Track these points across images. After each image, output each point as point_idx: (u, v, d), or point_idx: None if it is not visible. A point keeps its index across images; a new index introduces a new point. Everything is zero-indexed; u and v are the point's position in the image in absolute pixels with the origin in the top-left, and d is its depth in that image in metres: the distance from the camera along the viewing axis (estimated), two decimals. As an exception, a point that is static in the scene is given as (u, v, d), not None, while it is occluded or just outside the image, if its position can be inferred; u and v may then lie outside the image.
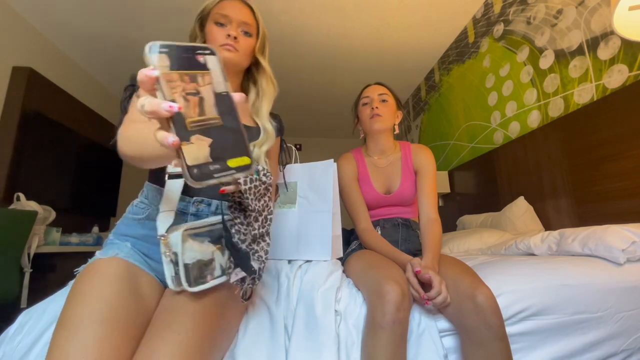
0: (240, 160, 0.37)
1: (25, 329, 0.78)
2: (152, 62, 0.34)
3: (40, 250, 2.07)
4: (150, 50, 0.34)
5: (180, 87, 0.35)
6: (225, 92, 0.38)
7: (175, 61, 0.35)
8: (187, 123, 0.34)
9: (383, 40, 2.90)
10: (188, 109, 0.35)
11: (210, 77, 0.37)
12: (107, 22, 2.58)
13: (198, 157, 0.34)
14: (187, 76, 0.36)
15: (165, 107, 0.32)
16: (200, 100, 0.36)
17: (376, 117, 1.21)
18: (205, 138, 0.35)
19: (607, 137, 1.44)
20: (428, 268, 0.87)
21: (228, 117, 0.37)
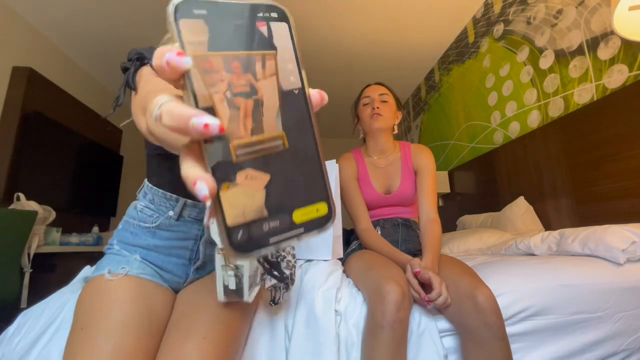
0: (314, 209, 0.23)
1: (24, 329, 0.78)
2: (179, 36, 0.20)
3: (40, 250, 2.07)
4: (176, 12, 0.20)
5: (224, 83, 0.21)
6: (298, 88, 0.23)
7: (219, 33, 0.21)
8: (232, 148, 0.20)
9: (383, 40, 2.90)
10: (235, 124, 0.21)
11: (275, 62, 0.23)
12: (107, 22, 2.58)
13: (245, 210, 0.20)
14: (237, 61, 0.21)
15: (197, 124, 0.18)
16: (257, 106, 0.22)
17: (377, 116, 1.21)
18: (259, 174, 0.21)
19: (607, 137, 1.44)
20: (428, 269, 0.87)
21: (299, 135, 0.23)
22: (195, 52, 0.20)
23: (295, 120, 0.23)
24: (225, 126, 0.20)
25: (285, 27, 0.24)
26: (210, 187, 0.19)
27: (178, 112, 0.19)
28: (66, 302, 0.82)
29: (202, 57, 0.20)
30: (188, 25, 0.20)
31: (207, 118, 0.18)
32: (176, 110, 0.19)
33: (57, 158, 2.70)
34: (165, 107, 0.19)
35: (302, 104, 0.24)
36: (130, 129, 3.78)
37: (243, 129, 0.21)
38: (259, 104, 0.22)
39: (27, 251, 1.96)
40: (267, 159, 0.22)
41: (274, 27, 0.23)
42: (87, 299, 0.63)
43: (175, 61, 0.19)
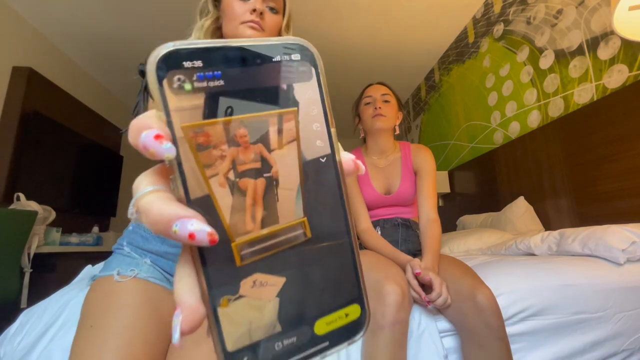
0: (342, 315, 0.18)
1: (26, 329, 0.79)
2: (163, 102, 0.15)
3: (40, 250, 2.07)
4: (160, 68, 0.15)
5: (226, 160, 0.16)
6: (326, 155, 0.18)
7: (217, 90, 0.16)
8: (235, 249, 0.16)
9: (383, 40, 2.90)
10: (240, 216, 0.16)
11: (296, 123, 0.17)
12: (108, 22, 2.58)
13: (252, 328, 0.16)
14: (243, 128, 0.16)
15: (180, 232, 0.14)
16: (270, 187, 0.17)
17: (379, 116, 1.20)
18: (272, 278, 0.16)
19: (607, 137, 1.44)
20: (428, 269, 0.87)
21: (326, 217, 0.18)
22: (186, 123, 0.15)
23: (321, 198, 0.18)
24: (227, 221, 0.16)
25: (312, 73, 0.18)
26: (189, 324, 0.14)
27: (156, 213, 0.14)
28: (68, 301, 0.82)
29: (195, 129, 0.15)
30: (176, 79, 0.15)
31: (192, 224, 0.14)
32: (154, 210, 0.14)
33: (57, 158, 2.70)
34: (141, 204, 0.15)
35: (330, 176, 0.18)
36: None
37: (250, 221, 0.16)
38: (272, 183, 0.17)
39: (27, 251, 1.96)
40: (283, 257, 0.17)
41: (296, 74, 0.17)
42: (95, 299, 0.62)
43: (152, 148, 0.14)
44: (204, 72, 0.15)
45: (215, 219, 0.16)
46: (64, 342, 0.73)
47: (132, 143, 0.15)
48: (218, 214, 0.16)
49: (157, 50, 0.15)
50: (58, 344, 0.73)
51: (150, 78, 0.15)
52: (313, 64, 0.18)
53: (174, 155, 0.15)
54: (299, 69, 0.18)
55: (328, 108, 0.18)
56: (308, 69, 0.18)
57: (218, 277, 0.15)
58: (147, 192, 0.15)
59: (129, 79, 0.70)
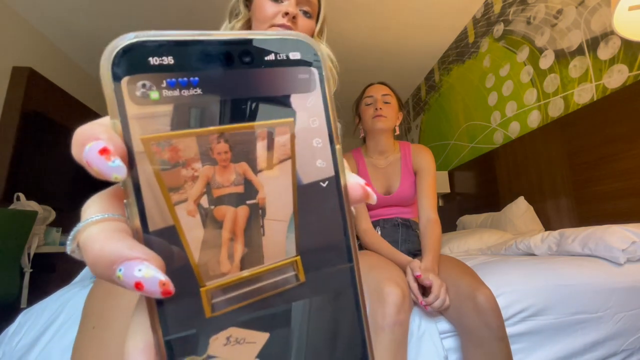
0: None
1: (25, 328, 0.78)
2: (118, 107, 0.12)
3: (40, 250, 2.07)
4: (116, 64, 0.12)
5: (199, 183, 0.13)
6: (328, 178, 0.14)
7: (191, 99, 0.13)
8: (204, 296, 0.13)
9: (383, 40, 2.90)
10: (213, 254, 0.13)
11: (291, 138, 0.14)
12: (108, 21, 2.58)
13: None
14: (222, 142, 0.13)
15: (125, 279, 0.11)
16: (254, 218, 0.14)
17: (379, 117, 1.20)
18: (251, 334, 0.13)
19: (607, 137, 1.44)
20: (428, 271, 0.87)
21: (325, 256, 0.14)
22: (148, 134, 0.12)
23: (319, 233, 0.14)
24: (196, 259, 0.12)
25: (314, 77, 0.14)
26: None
27: (97, 250, 0.11)
28: (67, 301, 0.82)
29: (160, 142, 0.12)
30: (139, 84, 0.12)
31: (140, 269, 0.11)
32: (95, 247, 0.11)
33: (57, 158, 2.70)
34: (82, 237, 0.12)
35: (332, 204, 0.14)
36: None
37: (227, 261, 0.13)
38: (258, 213, 0.13)
39: (27, 251, 1.96)
40: (267, 306, 0.13)
41: (294, 77, 0.14)
42: (98, 298, 0.61)
43: (96, 166, 0.11)
44: (176, 78, 0.12)
45: (181, 257, 0.12)
46: (63, 342, 0.73)
47: (76, 157, 0.12)
48: (184, 251, 0.12)
49: (115, 41, 0.12)
50: (57, 344, 0.73)
51: (104, 76, 0.12)
52: (316, 66, 0.15)
53: (124, 176, 0.12)
54: (297, 71, 0.14)
55: (333, 120, 0.14)
56: (309, 71, 0.14)
57: (180, 333, 0.12)
58: (91, 222, 0.12)
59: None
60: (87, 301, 0.61)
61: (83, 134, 0.12)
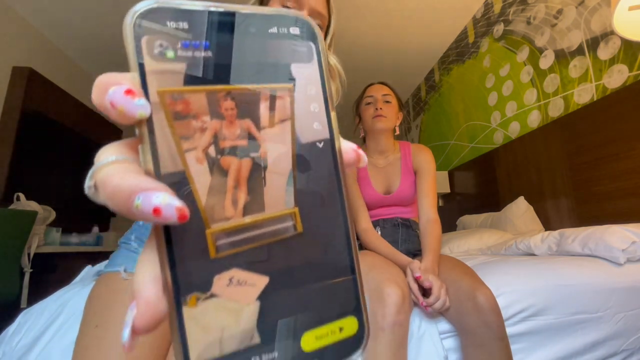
0: (336, 328, 0.15)
1: (24, 329, 0.78)
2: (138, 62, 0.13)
3: (40, 250, 2.07)
4: (137, 25, 0.13)
5: (207, 134, 0.14)
6: (324, 139, 0.16)
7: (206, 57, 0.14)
8: (209, 238, 0.14)
9: (383, 40, 2.90)
10: (218, 199, 0.14)
11: (291, 101, 0.16)
12: (108, 21, 2.58)
13: (224, 336, 0.13)
14: (230, 100, 0.14)
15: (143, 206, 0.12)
16: (256, 170, 0.15)
17: (380, 117, 1.20)
18: (252, 277, 0.14)
19: (607, 137, 1.44)
20: (428, 271, 0.87)
21: (322, 211, 0.16)
22: (164, 87, 0.13)
23: (316, 188, 0.15)
24: (203, 202, 0.13)
25: (312, 50, 0.16)
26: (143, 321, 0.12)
27: (116, 184, 0.12)
28: (67, 301, 0.82)
29: (174, 95, 0.13)
30: (157, 44, 0.13)
31: (159, 197, 0.12)
32: (114, 181, 0.12)
33: (57, 158, 2.70)
34: (100, 175, 0.13)
35: (328, 164, 0.16)
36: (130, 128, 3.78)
37: (231, 207, 0.14)
38: (260, 165, 0.15)
39: (27, 251, 1.96)
40: (267, 252, 0.14)
41: (294, 50, 0.16)
42: (100, 296, 0.60)
43: (122, 105, 0.12)
44: (190, 40, 0.14)
45: (190, 199, 0.13)
46: (63, 342, 0.73)
47: (96, 102, 0.13)
48: (193, 193, 0.13)
49: (137, 4, 0.13)
50: (57, 344, 0.73)
51: (127, 34, 0.13)
52: (313, 40, 0.16)
53: (149, 113, 0.13)
54: (297, 42, 0.16)
55: (328, 89, 0.16)
56: (307, 44, 0.16)
57: (186, 269, 0.13)
58: (108, 162, 0.13)
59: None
60: (89, 300, 0.61)
61: (106, 80, 0.13)
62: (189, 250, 0.13)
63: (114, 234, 2.94)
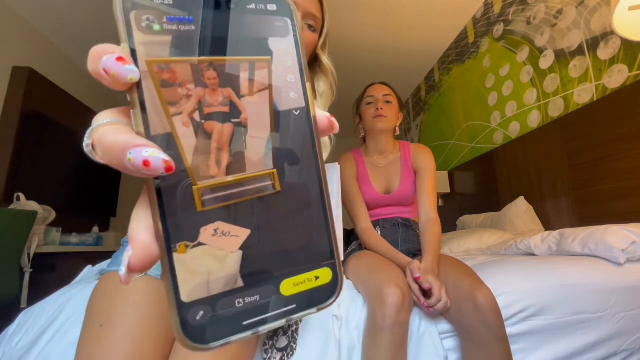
0: (312, 277, 0.17)
1: (25, 329, 0.78)
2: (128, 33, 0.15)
3: (40, 250, 2.07)
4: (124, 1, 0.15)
5: (192, 100, 0.15)
6: (299, 108, 0.17)
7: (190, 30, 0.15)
8: (196, 193, 0.15)
9: (383, 40, 2.90)
10: (203, 159, 0.15)
11: (269, 72, 0.17)
12: (108, 21, 2.58)
13: (211, 280, 0.15)
14: (213, 70, 0.16)
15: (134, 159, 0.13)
16: (238, 133, 0.16)
17: (380, 117, 1.20)
18: (235, 229, 0.15)
19: (607, 137, 1.44)
20: (428, 272, 0.87)
21: (298, 171, 0.17)
22: (152, 57, 0.14)
23: (292, 151, 0.17)
24: (189, 162, 0.15)
25: (288, 25, 0.17)
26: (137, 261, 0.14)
27: (110, 141, 0.14)
28: (67, 301, 0.82)
29: (161, 65, 0.14)
30: (144, 18, 0.14)
31: (147, 151, 0.13)
32: (108, 138, 0.14)
33: (57, 158, 2.70)
34: (97, 134, 0.14)
35: (303, 129, 0.17)
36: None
37: (215, 166, 0.15)
38: (241, 130, 0.16)
39: (27, 251, 1.96)
40: (249, 207, 0.16)
41: (271, 24, 0.17)
42: (105, 295, 0.60)
43: (114, 70, 0.14)
44: (174, 15, 0.15)
45: (177, 159, 0.14)
46: (63, 342, 0.73)
47: (91, 69, 0.14)
48: (180, 153, 0.15)
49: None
50: (57, 344, 0.73)
51: (117, 8, 0.14)
52: (289, 16, 0.18)
53: (138, 77, 0.14)
54: (274, 18, 0.17)
55: (304, 61, 0.18)
56: (284, 19, 0.17)
57: (176, 220, 0.14)
58: (104, 124, 0.15)
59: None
60: (92, 299, 0.61)
61: (100, 49, 0.14)
62: (177, 204, 0.14)
63: (114, 234, 2.94)
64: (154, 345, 0.55)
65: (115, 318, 0.55)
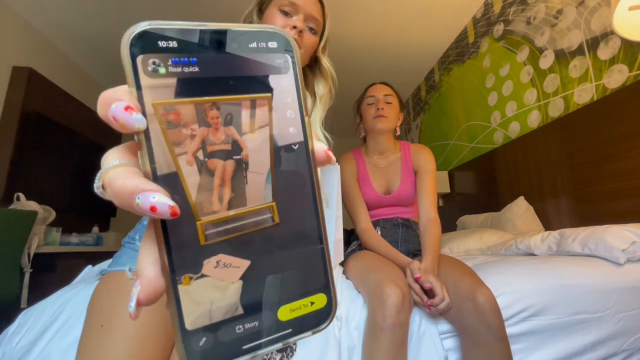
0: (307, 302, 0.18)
1: (25, 329, 0.78)
2: (135, 78, 0.15)
3: (40, 250, 2.07)
4: (133, 45, 0.15)
5: (196, 140, 0.16)
6: (298, 142, 0.18)
7: (194, 72, 0.16)
8: (199, 228, 0.16)
9: (383, 40, 2.90)
10: (206, 195, 0.16)
11: (269, 109, 0.17)
12: (108, 22, 2.58)
13: (213, 309, 0.16)
14: (215, 110, 0.16)
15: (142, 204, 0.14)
16: (239, 169, 0.17)
17: (381, 117, 1.20)
18: (236, 260, 0.16)
19: (607, 137, 1.44)
20: (428, 271, 0.87)
21: (296, 204, 0.18)
22: (157, 100, 0.15)
23: (291, 184, 0.18)
24: (193, 199, 0.16)
25: (288, 61, 0.18)
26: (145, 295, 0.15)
27: (120, 185, 0.15)
28: (67, 301, 0.82)
29: (166, 107, 0.15)
30: (150, 62, 0.15)
31: (154, 197, 0.14)
32: (118, 183, 0.15)
33: (57, 158, 2.70)
34: (107, 177, 0.15)
35: (302, 163, 0.18)
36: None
37: (217, 202, 0.16)
38: (242, 166, 0.17)
39: (27, 251, 1.96)
40: (249, 239, 0.17)
41: (272, 62, 0.17)
42: (106, 296, 0.60)
43: (123, 119, 0.14)
44: (179, 57, 0.16)
45: (182, 196, 0.16)
46: (63, 342, 0.73)
47: (101, 115, 0.15)
48: (184, 191, 0.16)
49: (132, 27, 0.15)
50: (57, 344, 0.73)
51: (124, 54, 0.15)
52: (289, 53, 0.18)
53: (145, 126, 0.15)
54: (275, 56, 0.18)
55: (303, 97, 0.18)
56: (284, 57, 0.18)
57: (181, 254, 0.15)
58: (113, 166, 0.16)
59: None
60: (93, 299, 0.61)
61: (109, 96, 0.15)
62: (182, 238, 0.15)
63: (114, 234, 2.94)
64: (155, 346, 0.55)
65: (116, 319, 0.55)
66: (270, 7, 0.73)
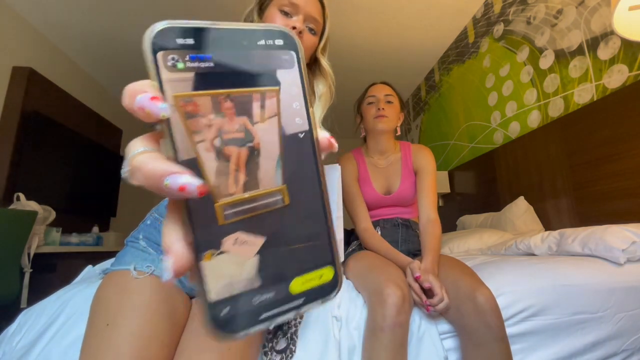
0: (317, 276, 0.20)
1: (25, 328, 0.78)
2: (156, 72, 0.16)
3: (40, 250, 2.07)
4: (154, 43, 0.16)
5: (213, 128, 0.18)
6: (304, 131, 0.20)
7: (209, 67, 0.17)
8: (217, 209, 0.17)
9: (383, 40, 2.90)
10: (224, 179, 0.18)
11: (277, 101, 0.19)
12: (108, 22, 2.58)
13: (233, 281, 0.18)
14: (229, 101, 0.18)
15: (172, 185, 0.16)
16: (252, 156, 0.19)
17: (381, 117, 1.20)
18: (252, 238, 0.18)
19: (607, 137, 1.44)
20: (428, 272, 0.87)
21: (303, 187, 0.20)
22: (177, 92, 0.17)
23: (298, 169, 0.19)
24: (212, 182, 0.17)
25: (293, 57, 0.20)
26: (177, 267, 0.16)
27: (150, 169, 0.16)
28: (67, 301, 0.82)
29: (185, 99, 0.17)
30: (170, 57, 0.17)
31: (183, 178, 0.16)
32: (148, 167, 0.16)
33: (57, 158, 2.70)
34: (136, 162, 0.17)
35: (307, 150, 0.20)
36: (130, 128, 3.78)
37: (233, 185, 0.18)
38: (254, 152, 0.19)
39: (27, 251, 1.96)
40: (263, 219, 0.18)
41: (278, 58, 0.19)
42: (110, 294, 0.60)
43: (149, 108, 0.16)
44: (195, 53, 0.17)
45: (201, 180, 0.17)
46: (63, 342, 0.73)
47: (127, 106, 0.16)
48: (203, 175, 0.17)
49: (153, 26, 0.17)
50: (57, 344, 0.73)
51: (146, 51, 0.16)
52: (294, 49, 0.20)
53: (169, 114, 0.16)
54: (281, 52, 0.20)
55: (307, 89, 0.20)
56: (289, 53, 0.20)
57: (202, 234, 0.17)
58: (140, 152, 0.17)
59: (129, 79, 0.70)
60: (97, 298, 0.60)
61: (135, 88, 0.16)
62: (203, 218, 0.17)
63: (114, 234, 2.94)
64: (160, 345, 0.55)
65: (121, 318, 0.55)
66: (270, 7, 0.73)
